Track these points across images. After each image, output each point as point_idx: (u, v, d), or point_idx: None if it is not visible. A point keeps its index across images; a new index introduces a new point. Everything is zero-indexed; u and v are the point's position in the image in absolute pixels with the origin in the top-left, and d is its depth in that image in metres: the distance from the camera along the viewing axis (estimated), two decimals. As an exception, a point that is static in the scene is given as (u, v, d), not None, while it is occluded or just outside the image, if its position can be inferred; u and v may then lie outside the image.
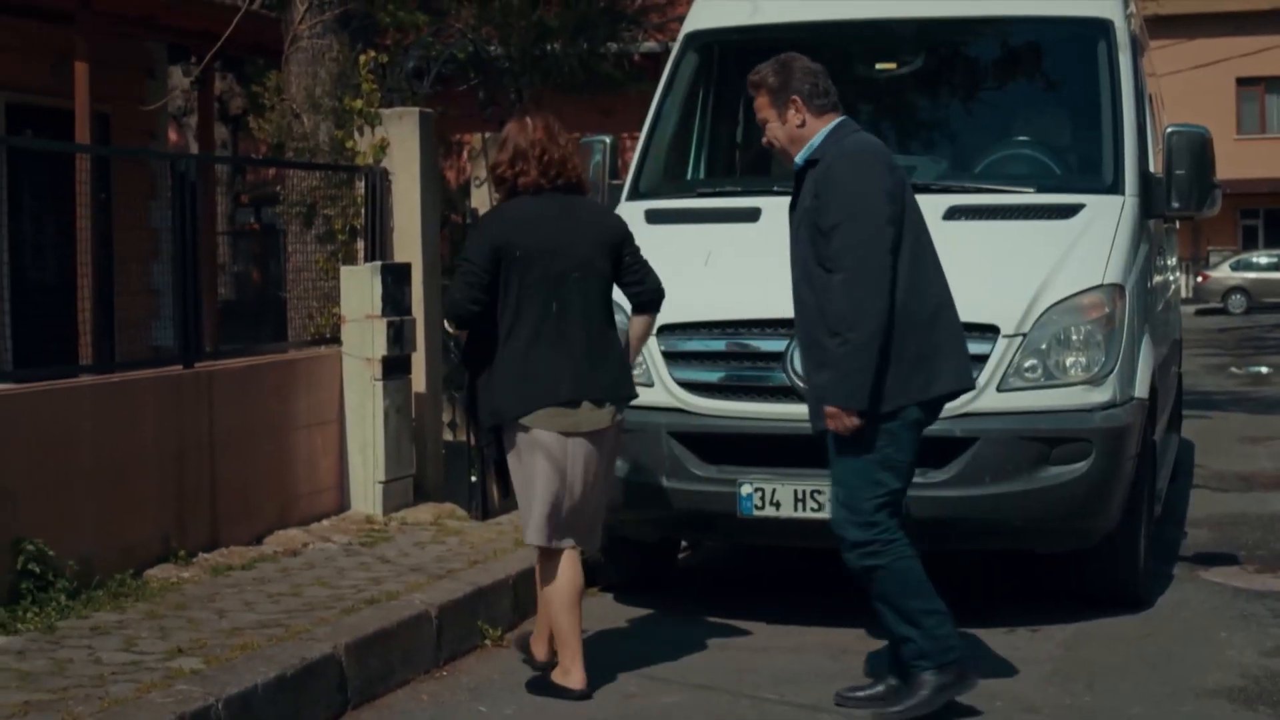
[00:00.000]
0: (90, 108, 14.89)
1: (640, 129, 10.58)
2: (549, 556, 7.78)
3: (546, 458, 7.58)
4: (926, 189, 9.56)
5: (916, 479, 8.28)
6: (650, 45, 21.30)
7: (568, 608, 7.73)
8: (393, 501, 11.21)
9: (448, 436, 12.27)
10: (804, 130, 7.36)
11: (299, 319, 12.14)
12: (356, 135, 11.90)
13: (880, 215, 7.08)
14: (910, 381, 7.16)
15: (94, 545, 8.82)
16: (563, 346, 7.56)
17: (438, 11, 17.41)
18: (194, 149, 23.87)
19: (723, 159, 11.03)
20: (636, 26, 20.39)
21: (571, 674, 7.73)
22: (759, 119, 7.47)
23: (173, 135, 27.11)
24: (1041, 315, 8.66)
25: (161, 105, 18.21)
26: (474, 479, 11.13)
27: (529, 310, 7.55)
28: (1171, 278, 13.24)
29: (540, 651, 8.10)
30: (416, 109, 12.14)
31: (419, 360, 11.61)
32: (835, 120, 7.38)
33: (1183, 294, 28.38)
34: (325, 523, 10.77)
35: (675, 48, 10.72)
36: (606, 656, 8.23)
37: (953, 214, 9.22)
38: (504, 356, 7.58)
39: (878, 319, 7.01)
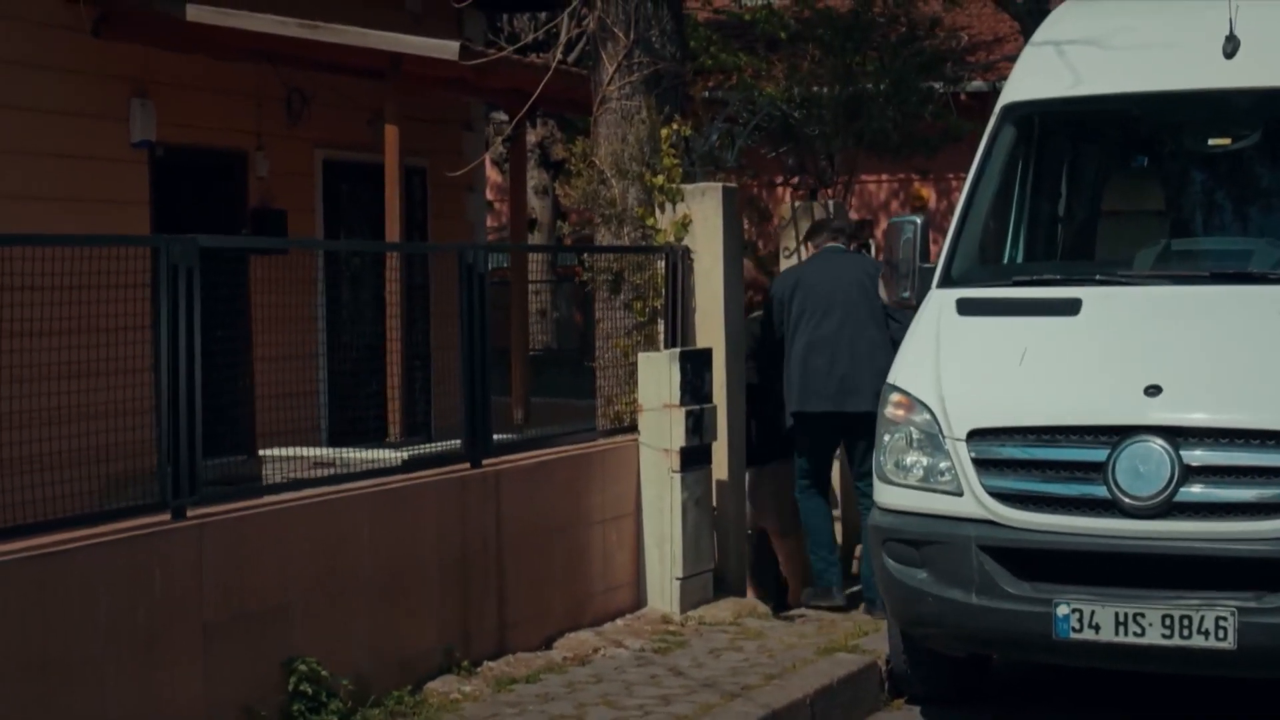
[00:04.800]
0: (405, 163, 14.74)
1: (960, 180, 9.96)
2: None
3: None
4: (1264, 278, 8.82)
5: (1250, 603, 7.71)
6: (977, 85, 20.60)
7: None
8: (691, 599, 10.71)
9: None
10: None
11: (606, 388, 11.70)
12: (658, 211, 11.45)
13: None
14: None
15: (370, 660, 8.46)
16: None
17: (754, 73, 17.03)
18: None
19: (1043, 242, 10.20)
20: (961, 70, 19.69)
21: None
22: None
23: (495, 176, 27.07)
24: None
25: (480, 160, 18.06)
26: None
27: None
28: None
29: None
30: (720, 184, 11.60)
31: (720, 448, 11.09)
32: None
33: None
34: (619, 623, 10.33)
35: (991, 121, 9.96)
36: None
37: (1292, 307, 8.44)
38: None
39: None
